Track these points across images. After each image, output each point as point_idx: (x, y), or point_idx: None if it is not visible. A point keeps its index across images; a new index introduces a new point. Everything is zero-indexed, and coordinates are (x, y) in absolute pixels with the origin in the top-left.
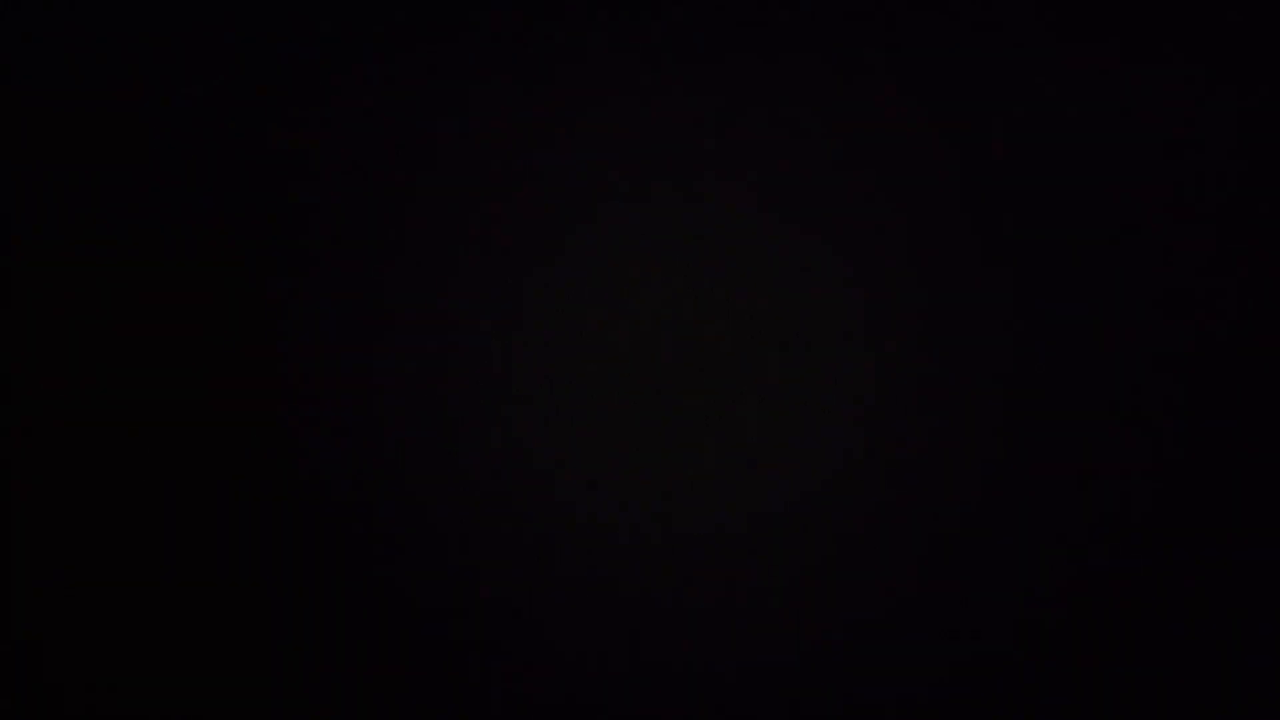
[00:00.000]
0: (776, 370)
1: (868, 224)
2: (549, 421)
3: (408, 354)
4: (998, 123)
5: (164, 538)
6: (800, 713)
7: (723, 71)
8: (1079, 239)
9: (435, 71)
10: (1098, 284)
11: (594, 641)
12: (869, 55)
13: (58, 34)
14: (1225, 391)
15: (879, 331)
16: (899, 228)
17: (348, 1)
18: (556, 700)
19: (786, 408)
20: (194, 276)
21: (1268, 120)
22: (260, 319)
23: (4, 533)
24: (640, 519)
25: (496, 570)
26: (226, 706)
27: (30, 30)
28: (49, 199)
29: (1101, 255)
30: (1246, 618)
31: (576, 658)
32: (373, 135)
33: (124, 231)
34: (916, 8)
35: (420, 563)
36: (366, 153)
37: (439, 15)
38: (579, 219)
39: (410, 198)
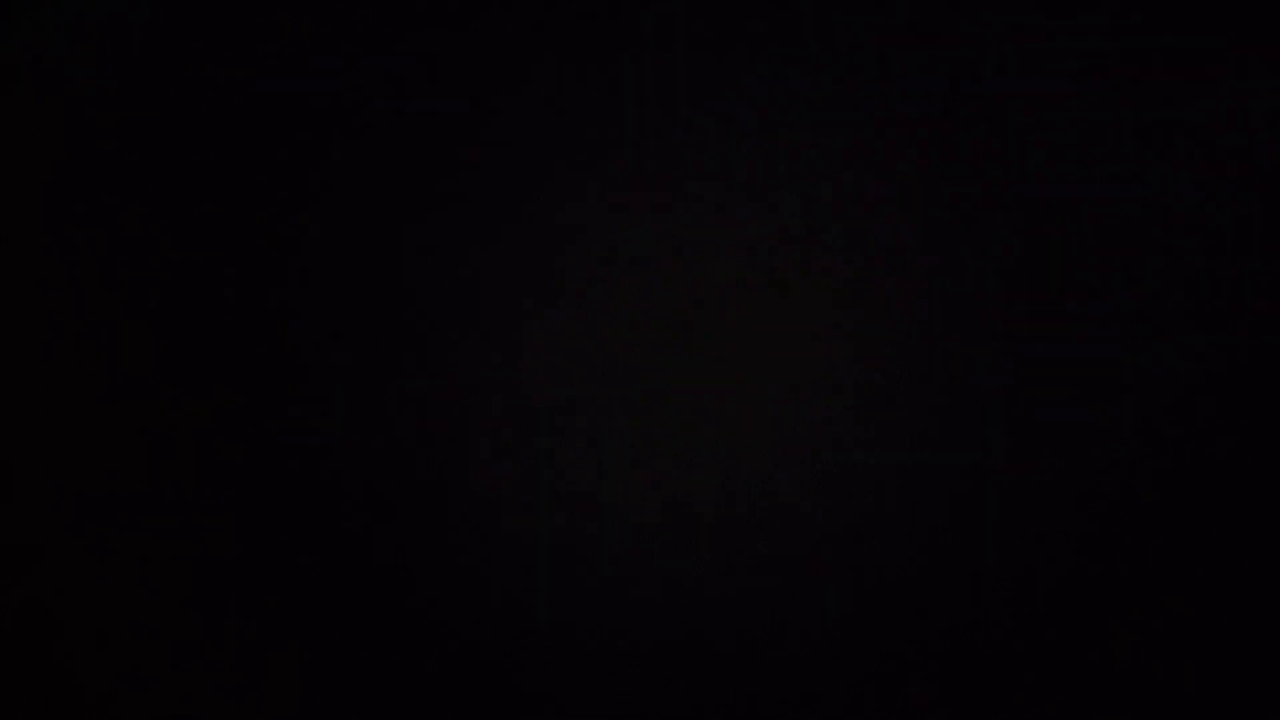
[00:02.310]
0: (775, 370)
1: (865, 223)
2: (552, 421)
3: (411, 355)
4: (998, 123)
5: (173, 540)
6: (800, 708)
7: (722, 71)
8: (1079, 240)
9: (437, 73)
10: (1097, 284)
11: (595, 637)
12: (867, 55)
13: (58, 34)
14: (1224, 393)
15: (876, 330)
16: (895, 227)
17: (350, 3)
18: (559, 696)
19: (785, 407)
20: (206, 278)
21: (1268, 120)
22: (269, 320)
23: (11, 533)
24: (643, 515)
25: (499, 570)
26: (232, 707)
27: (30, 30)
28: (50, 199)
29: (1101, 255)
30: (1246, 618)
31: (579, 651)
32: (380, 141)
33: (127, 231)
34: (916, 8)
35: (427, 561)
36: (373, 156)
37: (438, 16)
38: (582, 220)
39: (414, 199)
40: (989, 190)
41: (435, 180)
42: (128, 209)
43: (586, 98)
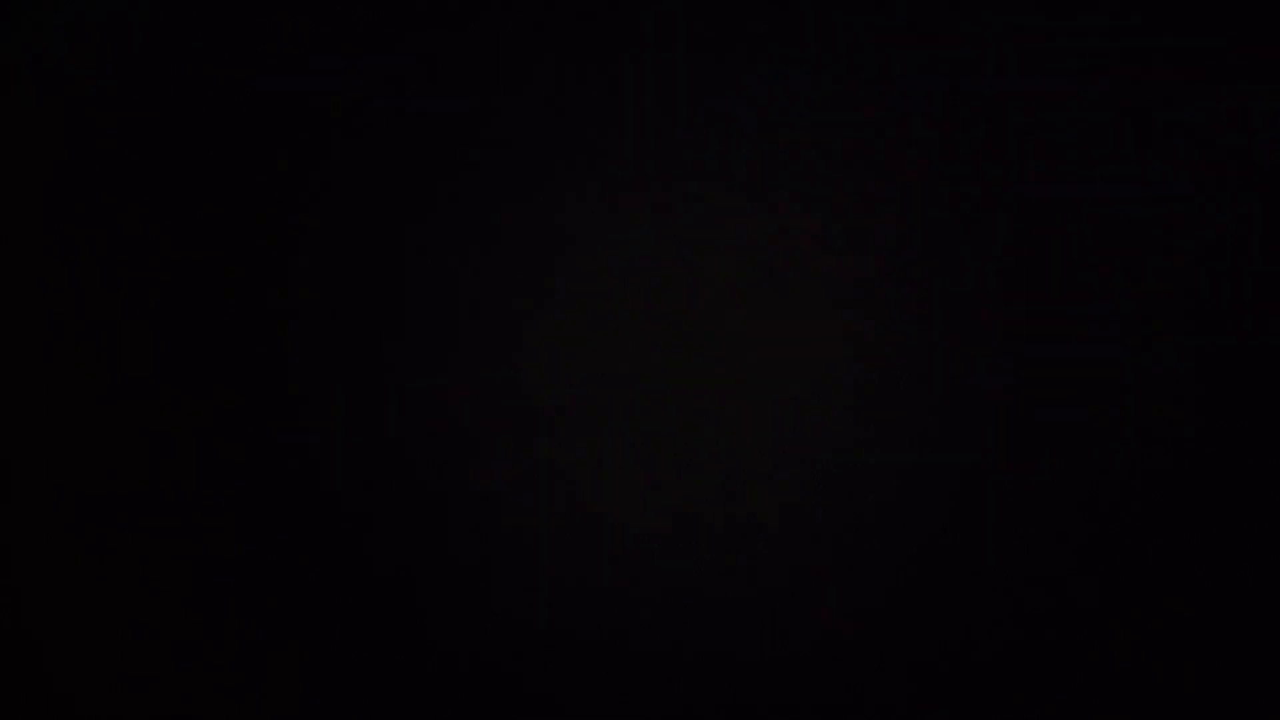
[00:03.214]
0: (774, 371)
1: (863, 224)
2: (551, 422)
3: (409, 354)
4: (990, 123)
5: (169, 541)
6: (799, 712)
7: (721, 71)
8: (1079, 240)
9: (436, 73)
10: (1096, 284)
11: (593, 640)
12: (866, 55)
13: (57, 34)
14: (1222, 393)
15: (875, 331)
16: (894, 228)
17: (351, 3)
18: (556, 698)
19: (784, 409)
20: (204, 278)
21: (1267, 120)
22: (268, 321)
23: (12, 533)
24: (641, 518)
25: (496, 571)
26: (229, 708)
27: (30, 30)
28: (51, 198)
29: (1100, 256)
30: (1244, 618)
31: (576, 655)
32: (378, 141)
33: (126, 231)
34: (911, 9)
35: (423, 563)
36: (372, 156)
37: (438, 16)
38: (581, 221)
39: (414, 201)
40: (989, 190)
41: (435, 181)
42: (127, 209)
43: (586, 98)
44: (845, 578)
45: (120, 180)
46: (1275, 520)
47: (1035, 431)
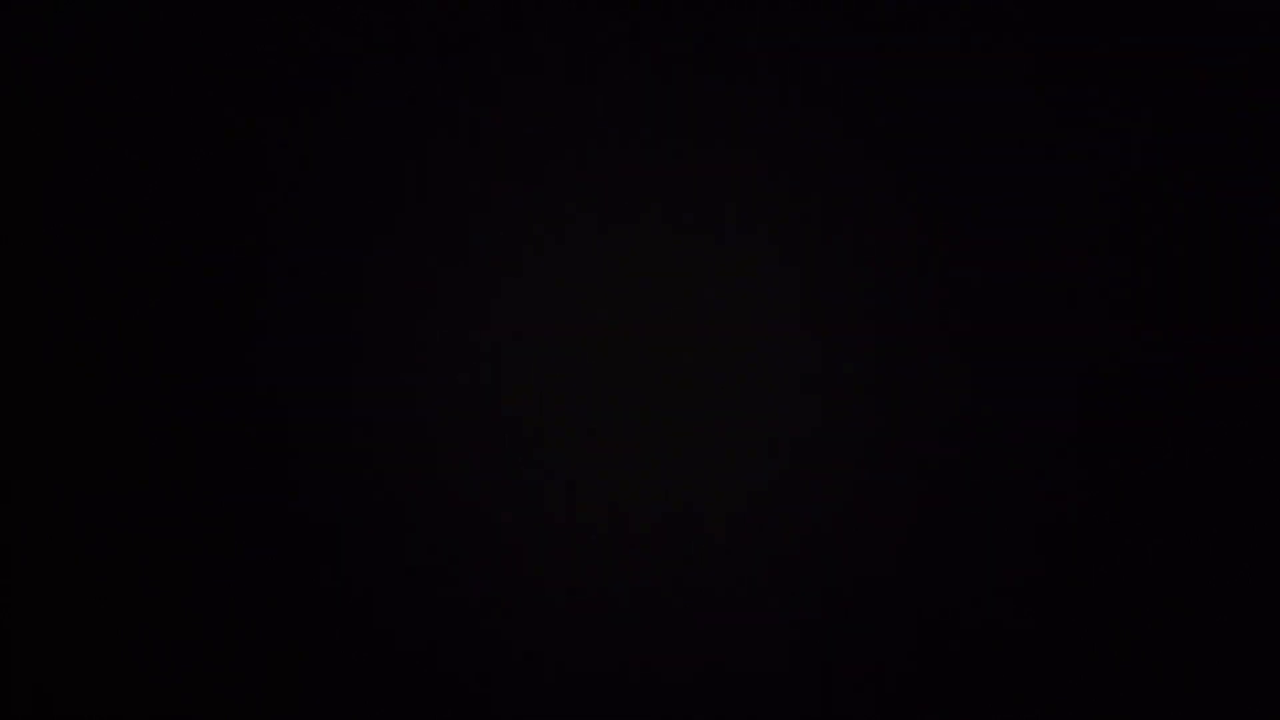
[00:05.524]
0: (748, 377)
1: (840, 230)
2: (521, 423)
3: (385, 358)
4: (943, 136)
5: (145, 543)
6: (770, 711)
7: (688, 86)
8: (1042, 243)
9: (412, 74)
10: (1064, 283)
11: (563, 641)
12: (816, 77)
13: (57, 34)
14: (1216, 393)
15: (851, 337)
16: (867, 233)
17: (336, 5)
18: (528, 697)
19: (758, 415)
20: (179, 278)
21: (1262, 135)
22: (244, 320)
23: None
24: (609, 518)
25: (469, 571)
26: (214, 709)
27: (30, 30)
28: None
29: (1090, 258)
30: (1237, 618)
31: (547, 658)
32: (349, 146)
33: (106, 232)
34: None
35: (395, 566)
36: (347, 161)
37: (412, 22)
38: (557, 227)
39: (389, 203)
40: (948, 201)
41: (430, 182)
42: (118, 210)
43: (565, 102)
44: (824, 586)
45: (111, 180)
46: (1272, 522)
47: (1022, 435)
